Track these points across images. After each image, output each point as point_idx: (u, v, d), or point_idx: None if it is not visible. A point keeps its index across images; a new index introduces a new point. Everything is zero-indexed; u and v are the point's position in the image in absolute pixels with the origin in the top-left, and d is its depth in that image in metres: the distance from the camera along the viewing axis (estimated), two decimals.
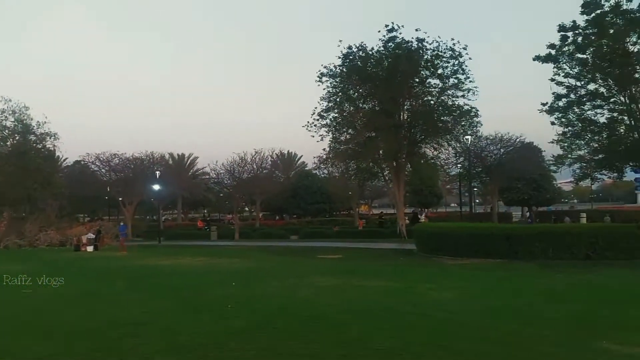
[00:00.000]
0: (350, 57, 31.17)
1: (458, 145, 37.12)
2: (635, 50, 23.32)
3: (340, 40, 31.81)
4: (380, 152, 34.42)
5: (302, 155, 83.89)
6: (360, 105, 33.36)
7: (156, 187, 45.16)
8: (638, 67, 23.54)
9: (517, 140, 45.66)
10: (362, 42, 31.04)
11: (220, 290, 12.69)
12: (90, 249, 32.47)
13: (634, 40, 23.26)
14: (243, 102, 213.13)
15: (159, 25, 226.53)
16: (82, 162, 60.10)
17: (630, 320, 8.24)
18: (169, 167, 66.94)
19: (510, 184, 49.87)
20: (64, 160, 63.33)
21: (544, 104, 26.22)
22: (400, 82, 30.75)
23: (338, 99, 32.83)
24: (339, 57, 31.49)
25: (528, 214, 42.84)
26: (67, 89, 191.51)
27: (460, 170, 46.06)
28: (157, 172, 47.65)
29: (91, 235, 34.35)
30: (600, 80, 24.62)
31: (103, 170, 57.02)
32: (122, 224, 35.24)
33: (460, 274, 15.73)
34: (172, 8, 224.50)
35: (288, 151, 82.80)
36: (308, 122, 33.68)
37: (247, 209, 72.99)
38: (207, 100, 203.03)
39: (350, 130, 33.85)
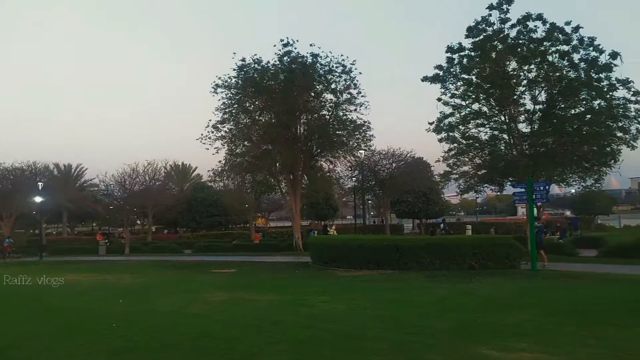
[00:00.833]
0: (245, 70, 31.06)
1: (353, 158, 37.93)
2: (514, 73, 25.07)
3: (234, 53, 31.77)
4: (277, 164, 34.45)
5: (197, 167, 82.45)
6: (257, 117, 33.24)
7: (38, 199, 42.38)
8: (516, 89, 25.30)
9: (408, 155, 47.53)
10: (257, 55, 31.14)
11: (105, 308, 12.10)
12: None
13: (514, 64, 25.00)
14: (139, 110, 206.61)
15: None
16: None
17: (507, 327, 8.73)
18: (55, 179, 63.12)
19: (401, 197, 51.76)
20: None
21: (430, 123, 27.46)
22: (296, 95, 31.06)
23: (234, 111, 32.54)
24: (234, 69, 31.33)
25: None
26: None
27: (355, 183, 47.14)
28: (40, 183, 44.75)
29: None
30: (483, 101, 26.17)
31: None
32: None
33: (352, 286, 16.01)
34: None
35: (183, 162, 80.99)
36: (202, 134, 33.08)
37: (139, 222, 70.29)
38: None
39: (246, 143, 33.60)
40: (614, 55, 23.24)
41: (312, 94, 32.20)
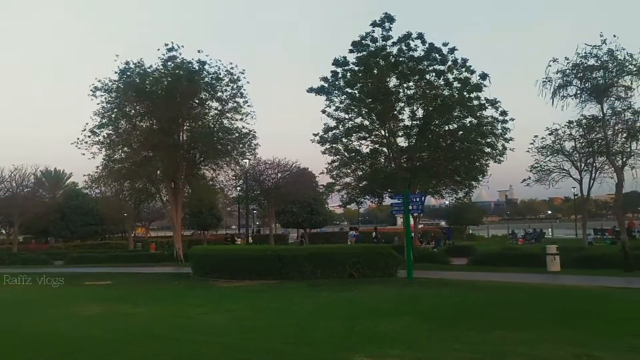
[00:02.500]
0: (128, 73, 29.82)
1: (237, 167, 37.58)
2: (394, 89, 26.11)
3: (117, 55, 30.30)
4: (158, 172, 33.28)
5: (72, 173, 77.67)
6: (138, 122, 31.92)
7: None
8: (396, 105, 26.35)
9: (293, 165, 47.89)
10: (140, 59, 30.02)
11: None
12: None
13: (394, 80, 26.02)
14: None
15: None
16: None
17: (382, 334, 8.97)
18: None
19: (286, 207, 51.98)
20: None
21: (315, 134, 27.91)
22: (179, 102, 30.20)
23: (113, 115, 31.03)
24: (116, 72, 29.98)
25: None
26: None
27: (240, 193, 46.74)
28: None
29: None
30: (365, 115, 26.99)
31: None
32: None
33: (233, 296, 15.79)
34: None
35: (55, 168, 76.04)
36: (78, 138, 31.19)
37: (3, 231, 65.00)
38: None
39: (125, 149, 32.13)
40: (484, 76, 24.92)
41: (197, 101, 31.53)
